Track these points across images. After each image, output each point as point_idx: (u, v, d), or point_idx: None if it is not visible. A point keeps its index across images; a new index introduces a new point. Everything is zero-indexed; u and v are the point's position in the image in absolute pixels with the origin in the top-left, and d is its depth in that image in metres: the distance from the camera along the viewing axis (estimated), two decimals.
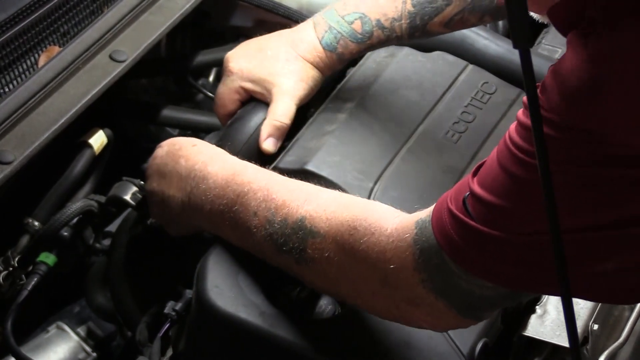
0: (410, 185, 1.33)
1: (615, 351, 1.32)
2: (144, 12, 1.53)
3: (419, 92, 1.46)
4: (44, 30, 1.44)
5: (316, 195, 1.16)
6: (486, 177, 0.99)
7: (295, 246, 1.13)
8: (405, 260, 1.04)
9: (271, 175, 1.22)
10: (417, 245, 1.04)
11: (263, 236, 1.16)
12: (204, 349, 1.24)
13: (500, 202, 0.96)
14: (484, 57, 1.56)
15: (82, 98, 1.37)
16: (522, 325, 1.31)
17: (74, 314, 1.52)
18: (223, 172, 1.23)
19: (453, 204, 1.01)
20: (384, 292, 1.08)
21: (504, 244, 0.97)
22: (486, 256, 0.99)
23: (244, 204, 1.18)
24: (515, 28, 0.81)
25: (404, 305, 1.08)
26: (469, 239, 0.99)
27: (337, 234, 1.10)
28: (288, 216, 1.14)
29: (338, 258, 1.10)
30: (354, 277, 1.10)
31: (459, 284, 1.02)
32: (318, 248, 1.11)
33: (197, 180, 1.24)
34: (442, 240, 1.01)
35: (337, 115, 1.41)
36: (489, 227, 0.97)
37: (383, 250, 1.06)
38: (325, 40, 1.40)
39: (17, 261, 1.36)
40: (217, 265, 1.22)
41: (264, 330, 1.17)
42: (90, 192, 1.45)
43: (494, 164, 0.98)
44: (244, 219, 1.18)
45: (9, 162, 1.26)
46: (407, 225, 1.06)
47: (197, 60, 1.74)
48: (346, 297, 1.15)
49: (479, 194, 0.98)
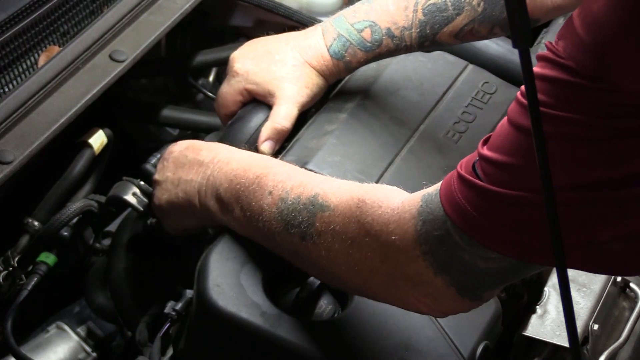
0: (410, 186, 1.32)
1: (615, 351, 1.32)
2: (144, 12, 1.53)
3: (419, 92, 1.46)
4: (44, 30, 1.44)
5: (331, 179, 1.18)
6: (496, 139, 0.98)
7: (305, 220, 1.13)
8: (407, 232, 1.03)
9: (290, 165, 1.24)
10: (421, 217, 1.03)
11: (273, 213, 1.16)
12: (204, 348, 1.24)
13: (511, 160, 0.95)
14: (484, 57, 1.56)
15: (82, 98, 1.37)
16: (522, 325, 1.31)
17: (74, 314, 1.52)
18: (246, 157, 1.26)
19: (463, 169, 1.00)
20: (383, 269, 1.07)
21: (512, 204, 0.95)
22: (493, 221, 0.97)
23: (261, 184, 1.19)
24: (515, 28, 0.81)
25: (402, 284, 1.06)
26: (477, 202, 0.98)
27: (345, 207, 1.10)
28: (302, 194, 1.15)
29: (343, 231, 1.09)
30: (356, 252, 1.09)
31: (462, 257, 1.01)
32: (326, 221, 1.11)
33: (220, 165, 1.25)
34: (448, 207, 1.00)
35: (337, 115, 1.41)
36: (498, 185, 0.96)
37: (387, 222, 1.05)
38: (333, 49, 1.41)
39: (17, 261, 1.36)
40: (218, 265, 1.22)
41: (264, 330, 1.17)
42: (90, 192, 1.45)
43: (505, 126, 0.97)
44: (257, 198, 1.18)
45: (9, 162, 1.26)
46: (414, 199, 1.05)
47: (197, 60, 1.74)
48: (345, 278, 1.13)
49: (489, 156, 0.97)
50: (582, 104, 0.90)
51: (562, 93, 0.90)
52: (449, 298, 1.05)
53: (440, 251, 1.02)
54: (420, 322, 1.21)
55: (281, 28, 1.85)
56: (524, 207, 0.95)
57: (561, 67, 0.90)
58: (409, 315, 1.21)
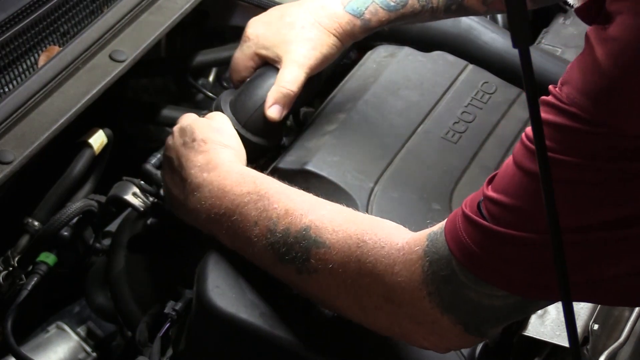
0: (410, 186, 1.32)
1: (615, 351, 1.32)
2: (144, 12, 1.53)
3: (419, 92, 1.46)
4: (44, 30, 1.44)
5: (319, 206, 1.15)
6: (501, 180, 0.98)
7: (298, 255, 1.11)
8: (414, 273, 1.03)
9: (271, 183, 1.20)
10: (427, 257, 1.03)
11: (264, 245, 1.15)
12: (204, 349, 1.24)
13: (515, 202, 0.96)
14: (490, 51, 1.55)
15: (81, 98, 1.37)
16: (522, 325, 1.31)
17: (74, 314, 1.52)
18: (219, 181, 1.21)
19: (468, 208, 1.00)
20: (387, 308, 1.07)
21: (517, 244, 0.96)
22: (498, 260, 0.98)
23: (243, 214, 1.17)
24: (515, 27, 0.81)
25: (406, 323, 1.06)
26: (482, 241, 0.98)
27: (344, 246, 1.08)
28: (291, 225, 1.12)
29: (343, 270, 1.08)
30: (358, 290, 1.08)
31: (467, 296, 1.01)
32: (322, 259, 1.10)
33: (192, 187, 1.23)
34: (453, 246, 1.00)
35: (337, 115, 1.41)
36: (502, 226, 0.96)
37: (392, 264, 1.05)
38: (352, 5, 1.35)
39: (17, 261, 1.36)
40: (218, 266, 1.22)
41: (264, 331, 1.17)
42: (90, 192, 1.45)
43: (510, 167, 0.98)
44: (243, 229, 1.17)
45: (8, 162, 1.26)
46: (419, 239, 1.05)
47: (197, 60, 1.73)
48: (347, 311, 1.13)
49: (494, 197, 0.98)
50: (586, 149, 0.91)
51: (566, 138, 0.91)
52: (454, 336, 1.05)
53: (446, 291, 1.02)
54: None
55: None
56: (529, 247, 0.96)
57: (565, 113, 0.91)
58: None
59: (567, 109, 0.91)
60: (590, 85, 0.90)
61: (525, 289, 0.99)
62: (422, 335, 1.07)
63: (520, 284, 0.99)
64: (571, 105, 0.91)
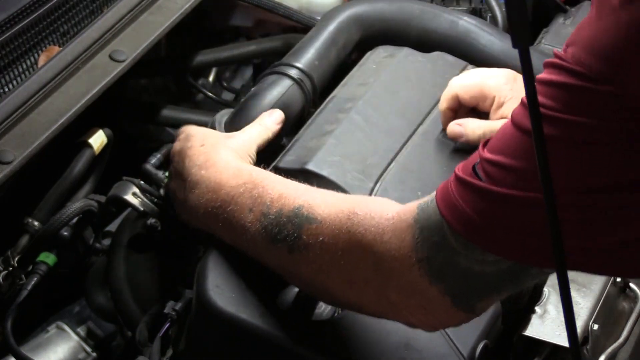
0: (410, 186, 1.33)
1: (615, 351, 1.32)
2: (144, 12, 1.53)
3: (419, 93, 1.46)
4: (44, 30, 1.44)
5: (313, 190, 1.16)
6: (499, 142, 0.97)
7: (290, 233, 1.12)
8: (404, 240, 1.03)
9: (267, 174, 1.22)
10: (418, 225, 1.02)
11: (257, 230, 1.15)
12: (204, 349, 1.24)
13: (514, 163, 0.94)
14: (489, 54, 1.56)
15: (81, 98, 1.37)
16: (522, 325, 1.31)
17: (74, 314, 1.52)
18: (216, 176, 1.23)
19: (461, 172, 0.99)
20: (376, 281, 1.06)
21: (514, 205, 0.95)
22: (492, 222, 0.97)
23: (239, 203, 1.18)
24: (515, 27, 0.82)
25: (394, 296, 1.06)
26: (477, 203, 0.97)
27: (335, 220, 1.09)
28: (284, 206, 1.14)
29: (333, 242, 1.08)
30: (347, 264, 1.08)
31: (458, 262, 1.00)
32: (313, 233, 1.10)
33: (191, 185, 1.24)
34: (445, 211, 1.00)
35: (337, 115, 1.41)
36: (501, 187, 0.95)
37: (382, 232, 1.05)
38: None
39: (17, 261, 1.36)
40: (218, 265, 1.22)
41: (264, 331, 1.17)
42: (90, 192, 1.45)
43: (508, 128, 0.96)
44: (238, 217, 1.18)
45: (9, 162, 1.26)
46: (410, 209, 1.05)
47: (197, 60, 1.74)
48: (335, 290, 1.12)
49: (491, 158, 0.96)
50: (590, 107, 0.90)
51: (571, 97, 0.90)
52: (442, 309, 1.04)
53: (436, 258, 1.01)
54: None
55: (281, 28, 1.85)
56: (526, 208, 0.95)
57: (570, 72, 0.90)
58: None
59: (573, 68, 0.90)
60: (598, 44, 0.89)
61: (519, 253, 0.98)
62: (409, 309, 1.06)
63: (514, 248, 0.97)
64: (577, 65, 0.90)
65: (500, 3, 1.75)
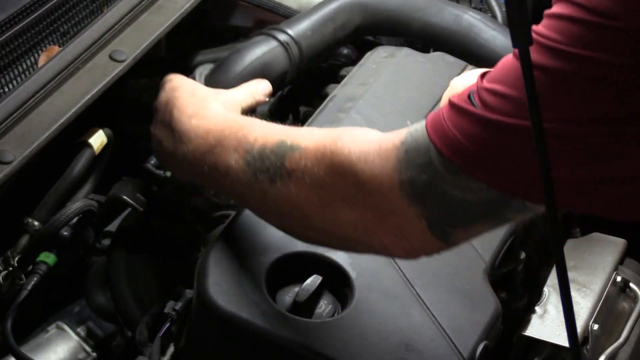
0: None
1: (615, 351, 1.32)
2: (144, 12, 1.53)
3: (418, 93, 1.46)
4: (44, 30, 1.44)
5: (296, 128, 1.16)
6: (499, 72, 0.96)
7: (273, 162, 1.11)
8: (388, 160, 1.02)
9: (255, 120, 1.21)
10: (404, 147, 1.01)
11: (240, 166, 1.14)
12: (204, 347, 1.24)
13: (513, 92, 0.94)
14: (491, 49, 1.56)
15: (81, 98, 1.37)
16: (522, 325, 1.31)
17: (74, 314, 1.52)
18: (204, 124, 1.23)
19: (456, 99, 0.98)
20: (355, 199, 1.04)
21: (508, 133, 0.94)
22: (482, 148, 0.96)
23: (224, 145, 1.17)
24: (515, 27, 0.82)
25: (371, 217, 1.04)
26: (469, 129, 0.96)
27: (319, 145, 1.08)
28: (268, 142, 1.13)
29: (316, 164, 1.07)
30: (328, 184, 1.06)
31: (440, 186, 0.99)
32: (296, 160, 1.09)
33: (180, 135, 1.24)
34: (434, 135, 0.98)
35: (337, 115, 1.42)
36: (496, 114, 0.94)
37: (366, 153, 1.03)
38: None
39: (17, 261, 1.36)
40: (218, 264, 1.22)
41: (264, 330, 1.17)
42: (90, 192, 1.45)
43: (510, 61, 0.96)
44: (223, 159, 1.17)
45: (8, 162, 1.26)
46: (398, 133, 1.04)
47: (197, 60, 1.73)
48: (312, 214, 1.10)
49: (489, 87, 0.96)
50: (595, 42, 0.89)
51: (577, 30, 0.90)
52: (417, 232, 1.02)
53: (419, 180, 1.00)
54: (420, 322, 1.21)
55: None
56: (519, 138, 0.93)
57: (577, 5, 0.90)
58: (409, 315, 1.21)
59: (580, 2, 0.90)
60: None
61: (506, 182, 0.97)
62: (384, 228, 1.04)
63: (501, 177, 0.96)
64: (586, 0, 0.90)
65: (500, 3, 1.75)
